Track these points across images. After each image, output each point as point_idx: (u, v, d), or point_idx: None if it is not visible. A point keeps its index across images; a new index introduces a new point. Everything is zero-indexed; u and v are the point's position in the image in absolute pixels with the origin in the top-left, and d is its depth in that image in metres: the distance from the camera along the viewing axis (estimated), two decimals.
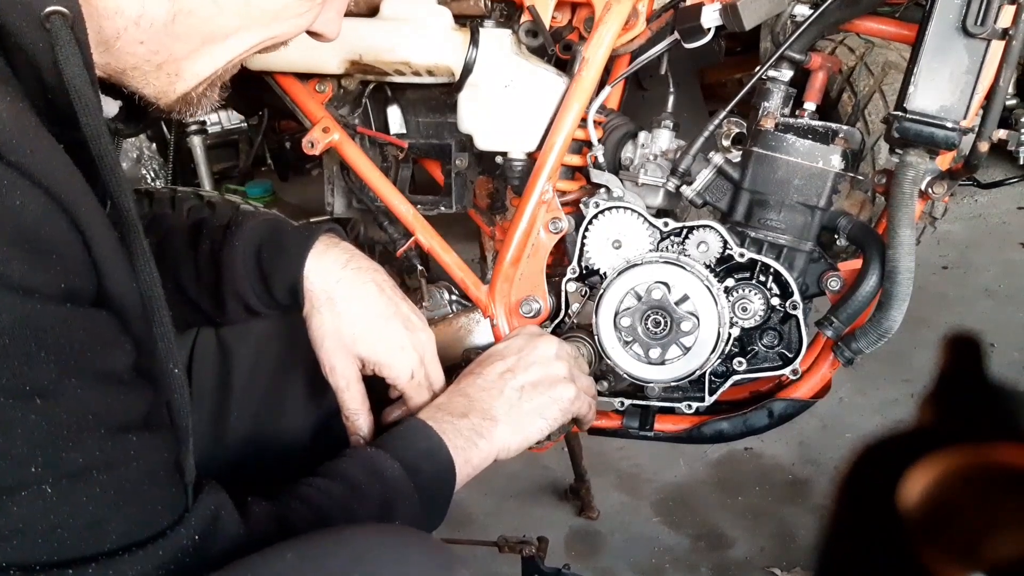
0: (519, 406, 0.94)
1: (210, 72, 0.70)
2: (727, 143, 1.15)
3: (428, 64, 1.18)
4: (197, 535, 0.65)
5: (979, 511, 0.27)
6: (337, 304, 0.91)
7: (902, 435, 0.30)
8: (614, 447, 2.02)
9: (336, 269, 0.92)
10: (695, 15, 1.11)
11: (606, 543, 1.83)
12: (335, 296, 0.91)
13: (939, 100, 1.03)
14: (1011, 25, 0.99)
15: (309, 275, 0.91)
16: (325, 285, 0.91)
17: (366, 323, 0.91)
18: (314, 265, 0.91)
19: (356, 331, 0.91)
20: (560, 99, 1.18)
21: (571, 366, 1.02)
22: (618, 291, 1.11)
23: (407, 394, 0.95)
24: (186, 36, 0.67)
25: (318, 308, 0.91)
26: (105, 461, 0.59)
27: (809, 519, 1.83)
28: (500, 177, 1.29)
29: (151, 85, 0.69)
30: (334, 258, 0.92)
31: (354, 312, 0.91)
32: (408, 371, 0.93)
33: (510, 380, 0.96)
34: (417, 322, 0.95)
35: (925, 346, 2.19)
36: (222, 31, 0.68)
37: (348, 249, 0.95)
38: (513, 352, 0.99)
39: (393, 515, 0.80)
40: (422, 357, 0.94)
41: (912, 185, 1.05)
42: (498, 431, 0.92)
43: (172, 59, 0.68)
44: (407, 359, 0.93)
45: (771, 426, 1.21)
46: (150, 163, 2.31)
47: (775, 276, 1.12)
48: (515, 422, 0.93)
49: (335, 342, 0.91)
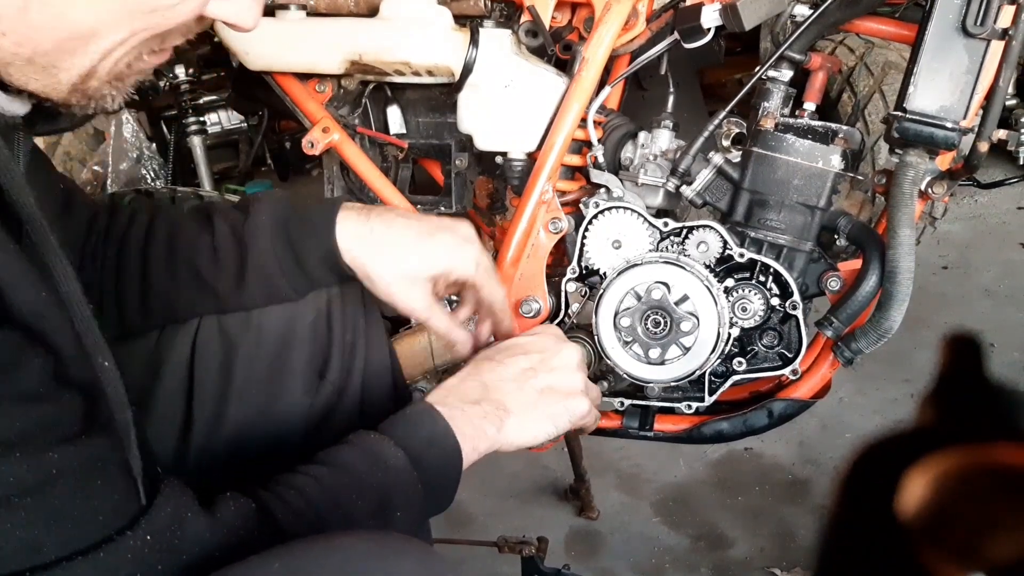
0: (535, 406, 0.94)
1: (86, 66, 0.66)
2: (727, 143, 1.15)
3: (428, 64, 1.18)
4: (150, 535, 0.63)
5: (979, 511, 0.27)
6: (381, 249, 0.93)
7: (902, 435, 0.30)
8: (614, 447, 2.02)
9: (363, 224, 0.93)
10: (695, 15, 1.11)
11: (606, 543, 1.83)
12: (375, 244, 0.93)
13: (939, 100, 1.03)
14: (1011, 25, 0.99)
15: (342, 240, 0.92)
16: (360, 241, 0.93)
17: (414, 246, 0.93)
18: (343, 229, 0.92)
19: (410, 258, 0.93)
20: (560, 99, 1.18)
21: (587, 378, 1.01)
22: (618, 291, 1.11)
23: (479, 284, 0.97)
24: (46, 28, 0.63)
25: (366, 263, 0.93)
26: (24, 487, 0.57)
27: (809, 519, 1.83)
28: (500, 177, 1.29)
29: (32, 80, 0.66)
30: (356, 216, 0.94)
31: (399, 245, 0.93)
32: (472, 263, 0.95)
33: (532, 379, 0.95)
34: (457, 224, 0.97)
35: (925, 346, 2.19)
36: (84, 22, 0.64)
37: (364, 206, 0.96)
38: (538, 350, 0.98)
39: (392, 506, 0.79)
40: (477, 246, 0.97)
41: (912, 185, 1.05)
42: (509, 424, 0.91)
43: (41, 52, 0.64)
44: (466, 253, 0.95)
45: (771, 426, 1.21)
46: (150, 163, 2.31)
47: (775, 276, 1.12)
48: (527, 420, 0.93)
49: (399, 280, 0.93)
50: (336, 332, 1.02)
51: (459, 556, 1.70)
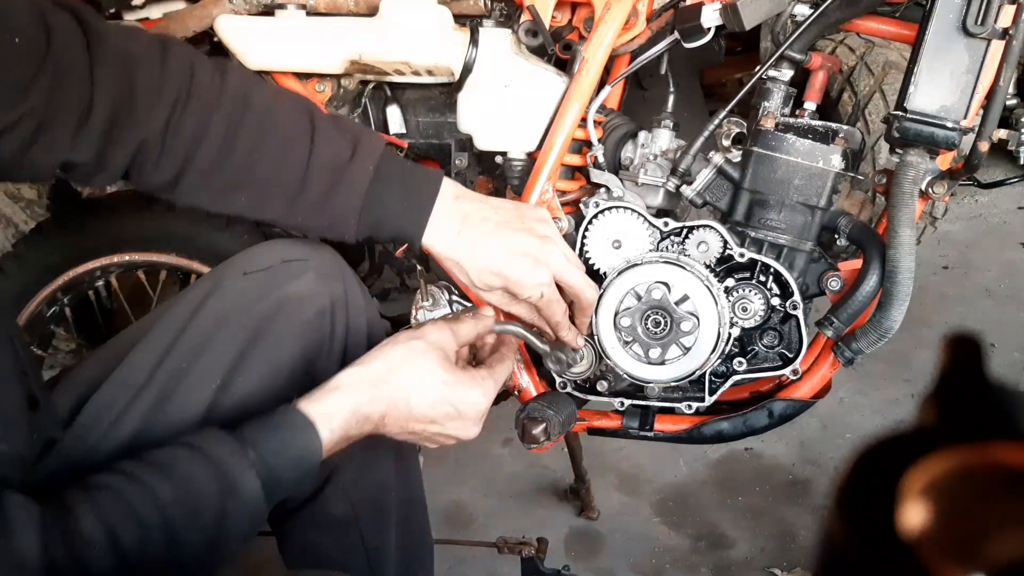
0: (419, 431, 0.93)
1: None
2: (727, 143, 1.15)
3: (428, 64, 1.18)
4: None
5: (979, 511, 0.27)
6: (465, 252, 0.97)
7: (902, 435, 0.30)
8: (614, 447, 2.02)
9: (454, 227, 0.97)
10: (695, 15, 1.11)
11: (606, 543, 1.83)
12: (462, 245, 0.97)
13: (939, 100, 1.03)
14: (1011, 25, 0.99)
15: (433, 241, 0.97)
16: (446, 244, 0.97)
17: (493, 264, 0.97)
18: (434, 226, 0.96)
19: (486, 275, 0.98)
20: (560, 99, 1.18)
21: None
22: (618, 291, 1.11)
23: (540, 307, 1.02)
24: None
25: (448, 262, 0.99)
26: None
27: (809, 519, 1.83)
28: (500, 177, 1.29)
29: None
30: (448, 217, 0.97)
31: (479, 259, 0.97)
32: (537, 290, 0.99)
33: (430, 432, 0.93)
34: (536, 233, 1.00)
35: (925, 346, 2.19)
36: None
37: (459, 199, 0.99)
38: (451, 426, 0.94)
39: (225, 525, 0.76)
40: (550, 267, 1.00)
41: (912, 185, 1.05)
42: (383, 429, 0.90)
43: None
44: (538, 276, 0.99)
45: (771, 426, 1.20)
46: None
47: (775, 276, 1.12)
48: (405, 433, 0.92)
49: (475, 287, 0.99)
50: (338, 332, 1.02)
51: (459, 556, 1.70)
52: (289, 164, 0.93)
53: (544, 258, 0.99)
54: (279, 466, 0.80)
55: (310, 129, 0.94)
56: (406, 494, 1.15)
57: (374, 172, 0.95)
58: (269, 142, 0.92)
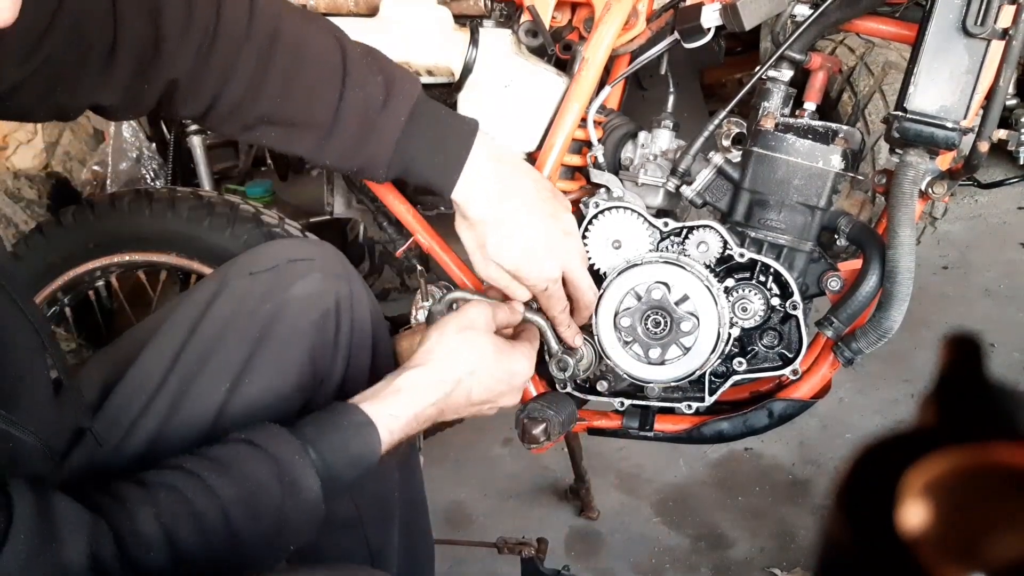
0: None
1: None
2: (727, 143, 1.15)
3: (428, 64, 1.18)
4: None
5: (979, 511, 0.27)
6: (493, 224, 0.97)
7: (902, 435, 0.30)
8: (614, 447, 2.02)
9: (488, 189, 0.96)
10: (695, 15, 1.11)
11: (606, 543, 1.83)
12: (490, 220, 0.96)
13: (939, 100, 1.03)
14: (1011, 25, 0.99)
15: (466, 200, 0.96)
16: (480, 208, 0.96)
17: (518, 244, 0.97)
18: (468, 184, 0.95)
19: (515, 245, 0.98)
20: (560, 99, 1.18)
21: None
22: (618, 291, 1.11)
23: (540, 300, 1.03)
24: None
25: (473, 244, 0.99)
26: None
27: (809, 519, 1.83)
28: None
29: None
30: (486, 191, 0.96)
31: (511, 232, 0.97)
32: (542, 282, 0.99)
33: (481, 406, 0.97)
34: (562, 228, 1.00)
35: (925, 346, 2.19)
36: None
37: (493, 160, 0.97)
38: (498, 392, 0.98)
39: (284, 525, 0.76)
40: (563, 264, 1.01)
41: (912, 185, 1.05)
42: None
43: None
44: (544, 269, 0.99)
45: (771, 426, 1.20)
46: (150, 163, 2.31)
47: (775, 276, 1.12)
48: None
49: (486, 267, 1.00)
50: (343, 331, 1.02)
51: (459, 556, 1.70)
52: (319, 105, 0.92)
53: (561, 252, 0.99)
54: (338, 465, 0.79)
55: (341, 69, 0.92)
56: (408, 494, 1.15)
57: (406, 122, 0.93)
58: (300, 80, 0.91)
